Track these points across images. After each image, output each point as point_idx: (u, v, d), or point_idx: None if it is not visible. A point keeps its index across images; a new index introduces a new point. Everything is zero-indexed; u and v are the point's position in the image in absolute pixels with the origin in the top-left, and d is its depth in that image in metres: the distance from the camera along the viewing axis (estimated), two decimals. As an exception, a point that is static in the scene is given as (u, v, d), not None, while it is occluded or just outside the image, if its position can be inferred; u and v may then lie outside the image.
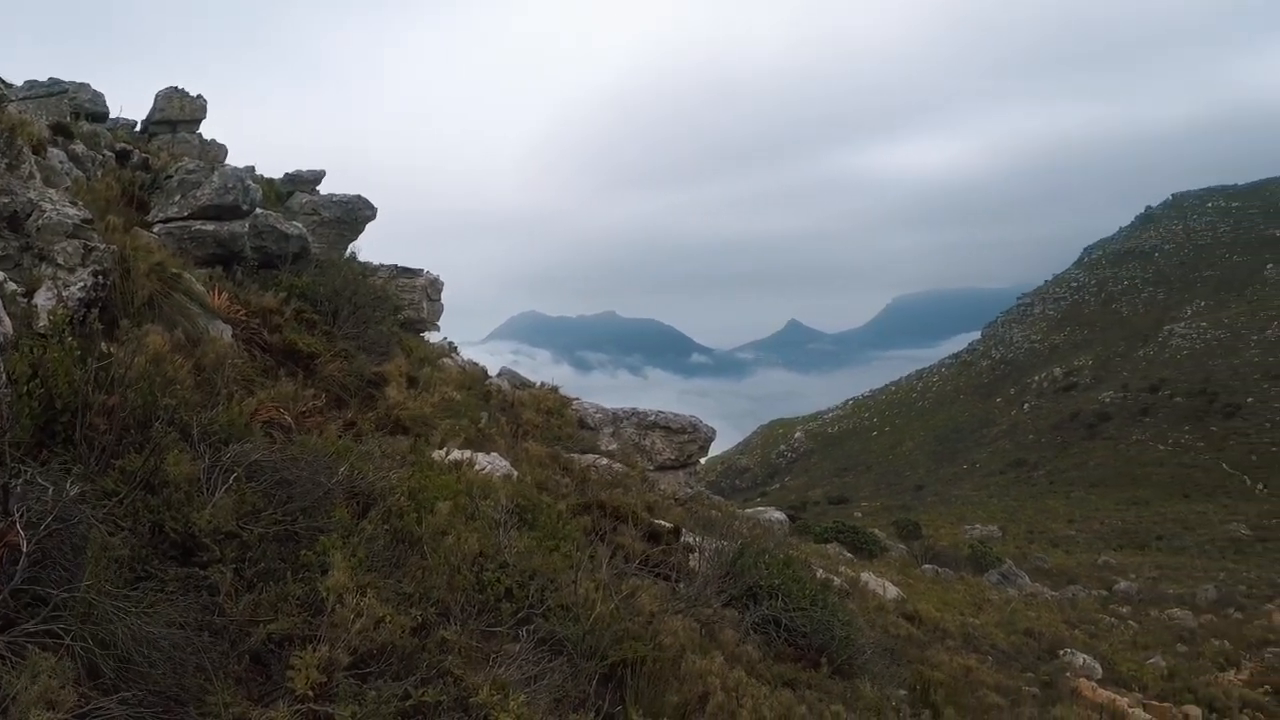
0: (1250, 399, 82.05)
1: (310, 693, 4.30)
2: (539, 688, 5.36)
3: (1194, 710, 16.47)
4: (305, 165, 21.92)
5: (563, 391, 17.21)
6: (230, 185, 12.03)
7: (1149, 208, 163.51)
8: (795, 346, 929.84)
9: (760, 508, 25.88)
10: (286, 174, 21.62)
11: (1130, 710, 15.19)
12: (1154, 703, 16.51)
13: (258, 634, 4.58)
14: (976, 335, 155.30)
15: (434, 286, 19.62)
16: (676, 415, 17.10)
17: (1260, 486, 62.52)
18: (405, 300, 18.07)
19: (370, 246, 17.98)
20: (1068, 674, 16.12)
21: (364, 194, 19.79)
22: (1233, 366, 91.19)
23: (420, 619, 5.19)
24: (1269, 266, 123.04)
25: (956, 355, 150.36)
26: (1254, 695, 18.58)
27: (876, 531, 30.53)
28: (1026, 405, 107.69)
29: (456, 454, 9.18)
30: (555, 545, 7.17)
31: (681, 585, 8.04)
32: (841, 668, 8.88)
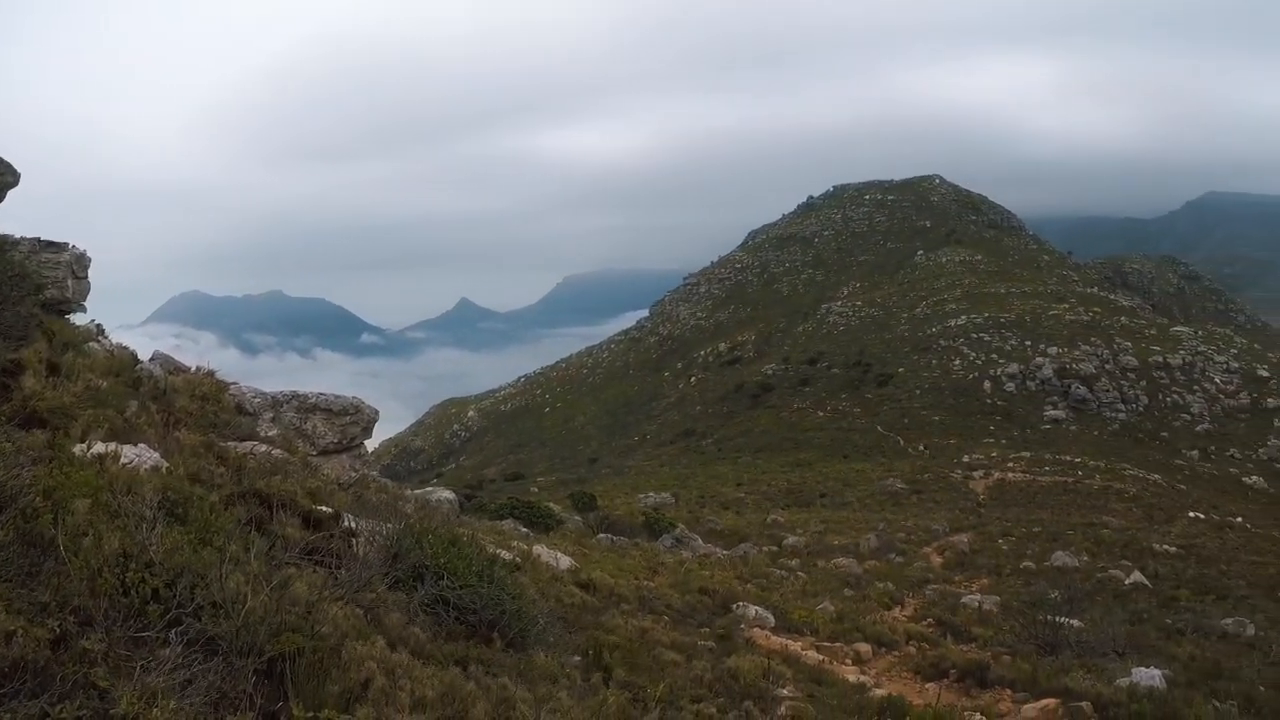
0: (901, 369, 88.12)
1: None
2: (193, 691, 5.00)
3: (864, 647, 17.40)
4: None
5: (221, 376, 16.23)
6: None
7: (811, 197, 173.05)
8: (467, 325, 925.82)
9: (430, 488, 25.52)
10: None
11: (804, 652, 15.88)
12: (826, 643, 17.35)
13: None
14: (645, 313, 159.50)
15: (80, 263, 17.92)
16: (338, 397, 16.48)
17: (922, 447, 67.06)
18: (48, 278, 16.44)
19: (12, 217, 16.14)
20: (742, 626, 16.61)
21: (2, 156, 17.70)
22: (885, 340, 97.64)
23: (59, 630, 4.74)
24: (919, 253, 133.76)
25: (626, 332, 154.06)
26: (918, 628, 19.94)
27: (552, 505, 30.75)
28: (694, 378, 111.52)
29: (100, 447, 8.47)
30: (207, 539, 6.73)
31: (343, 571, 7.72)
32: (515, 640, 8.78)
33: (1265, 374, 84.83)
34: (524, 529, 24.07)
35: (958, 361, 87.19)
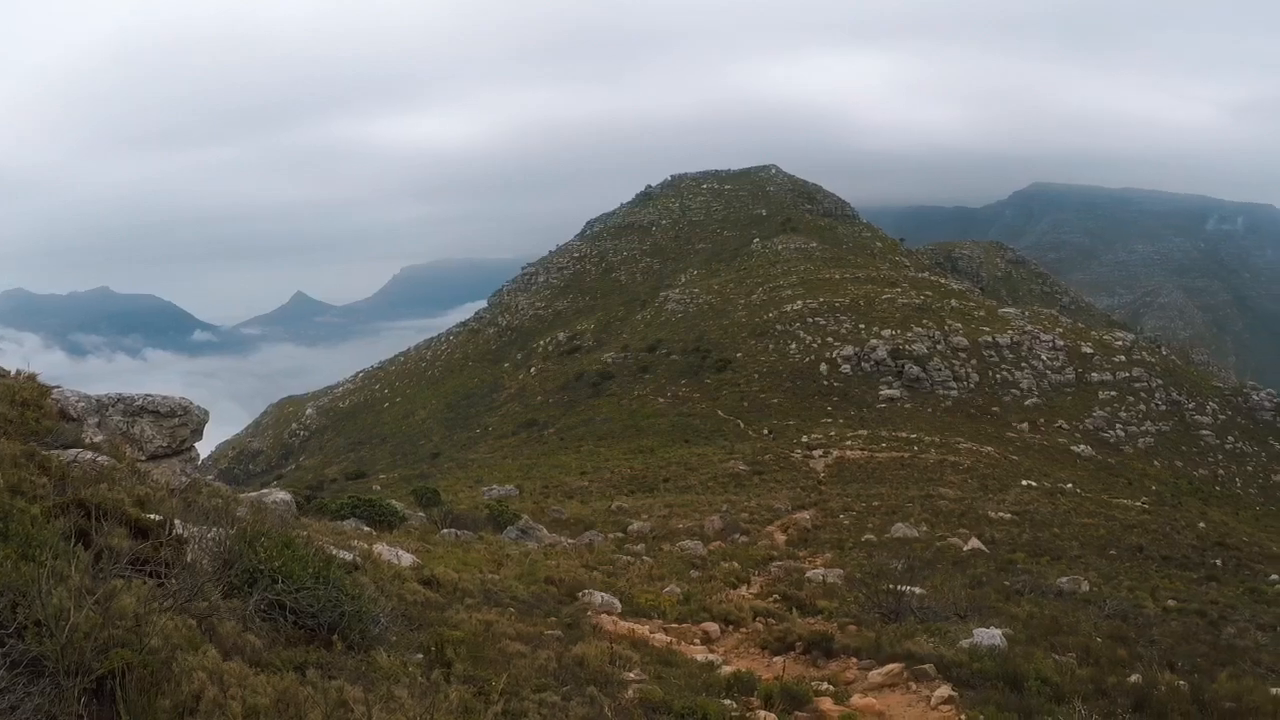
0: (739, 354, 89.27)
1: None
2: (18, 716, 4.82)
3: (711, 626, 17.63)
4: None
5: (42, 379, 15.51)
6: None
7: (649, 187, 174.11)
8: (303, 319, 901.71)
9: (266, 490, 24.93)
10: None
11: (651, 635, 16.02)
12: (674, 625, 17.54)
13: None
14: (484, 304, 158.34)
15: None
16: (165, 398, 15.87)
17: (766, 432, 67.97)
18: None
19: None
20: (589, 613, 16.64)
21: None
22: (723, 327, 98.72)
23: None
24: (755, 241, 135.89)
25: (465, 324, 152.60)
26: (764, 605, 20.17)
27: (395, 503, 30.30)
28: (534, 369, 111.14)
29: (-96, 465, 8.07)
30: (29, 554, 6.47)
31: (173, 581, 7.50)
32: (356, 642, 8.66)
33: (1089, 350, 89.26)
34: (366, 528, 23.71)
35: (794, 345, 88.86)
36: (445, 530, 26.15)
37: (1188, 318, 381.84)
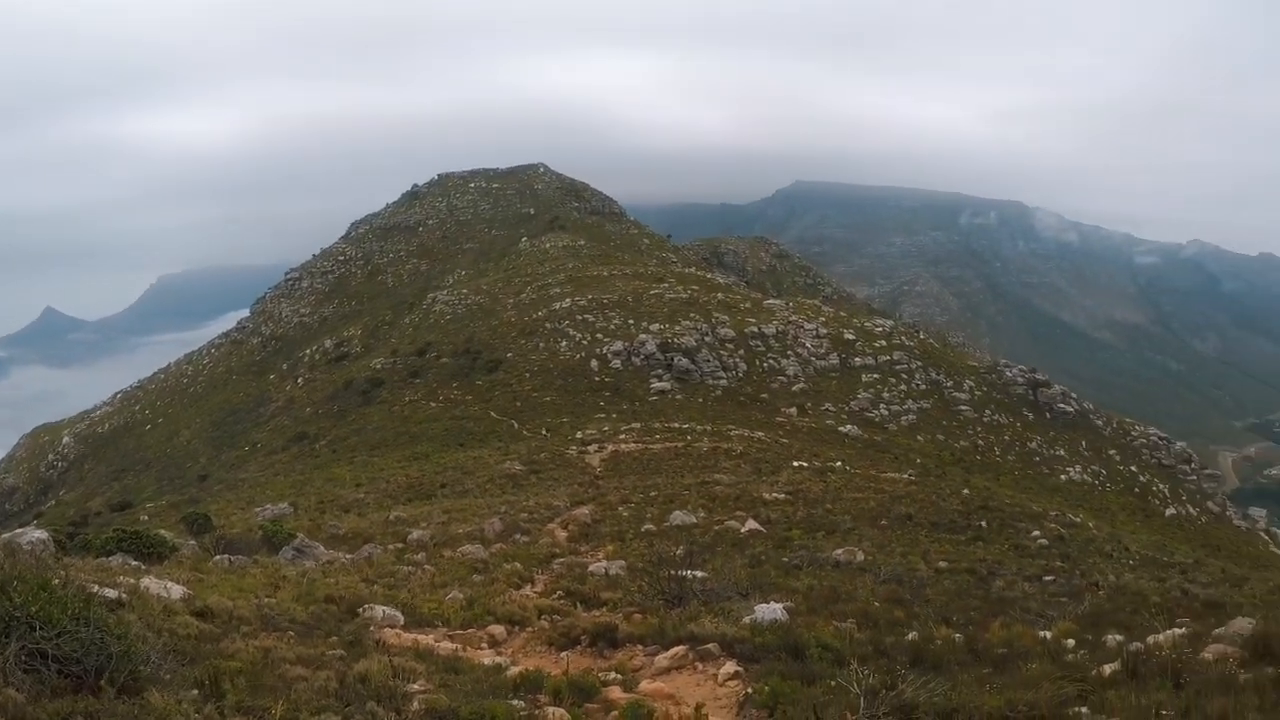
0: (510, 354, 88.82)
1: None
2: None
3: (497, 629, 17.61)
4: None
5: None
6: None
7: (416, 186, 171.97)
8: (54, 338, 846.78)
9: (21, 530, 23.51)
10: None
11: (437, 644, 15.92)
12: (459, 631, 17.46)
13: None
14: (246, 313, 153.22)
15: None
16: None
17: (544, 431, 67.82)
18: None
19: None
20: (372, 628, 16.42)
21: None
22: (492, 327, 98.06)
23: None
24: (524, 240, 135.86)
25: (227, 334, 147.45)
26: (548, 603, 20.29)
27: (164, 532, 29.06)
28: (301, 379, 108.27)
29: None
30: None
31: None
32: (126, 685, 8.31)
33: (851, 337, 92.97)
34: (135, 562, 22.69)
35: (565, 343, 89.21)
36: (218, 557, 25.26)
37: (944, 304, 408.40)
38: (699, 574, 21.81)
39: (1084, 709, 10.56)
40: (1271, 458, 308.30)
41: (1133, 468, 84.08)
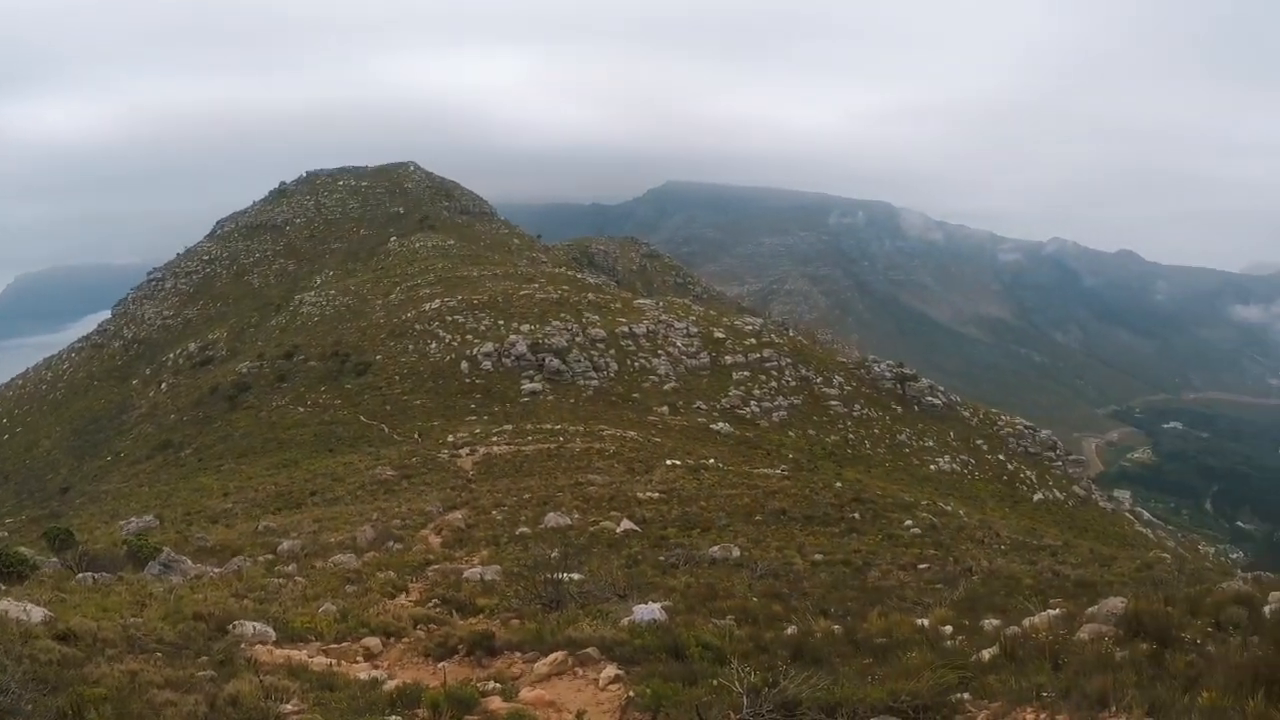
0: (379, 356, 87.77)
1: None
2: None
3: (372, 641, 17.22)
4: None
5: None
6: None
7: (283, 183, 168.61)
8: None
9: None
10: None
11: (310, 660, 15.54)
12: (333, 646, 17.05)
13: None
14: (108, 315, 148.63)
15: None
16: None
17: (416, 435, 66.94)
18: None
19: None
20: (243, 646, 15.95)
21: None
22: (361, 329, 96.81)
23: None
24: (393, 239, 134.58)
25: (87, 338, 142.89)
26: (424, 612, 19.88)
27: (24, 550, 27.91)
28: (164, 384, 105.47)
29: None
30: None
31: None
32: (-16, 720, 8.08)
33: (721, 335, 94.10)
34: (-7, 584, 21.81)
35: (435, 345, 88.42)
36: (82, 575, 24.38)
37: (812, 302, 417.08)
38: (576, 576, 21.81)
39: (966, 695, 10.76)
40: (1133, 442, 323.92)
41: (1000, 456, 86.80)
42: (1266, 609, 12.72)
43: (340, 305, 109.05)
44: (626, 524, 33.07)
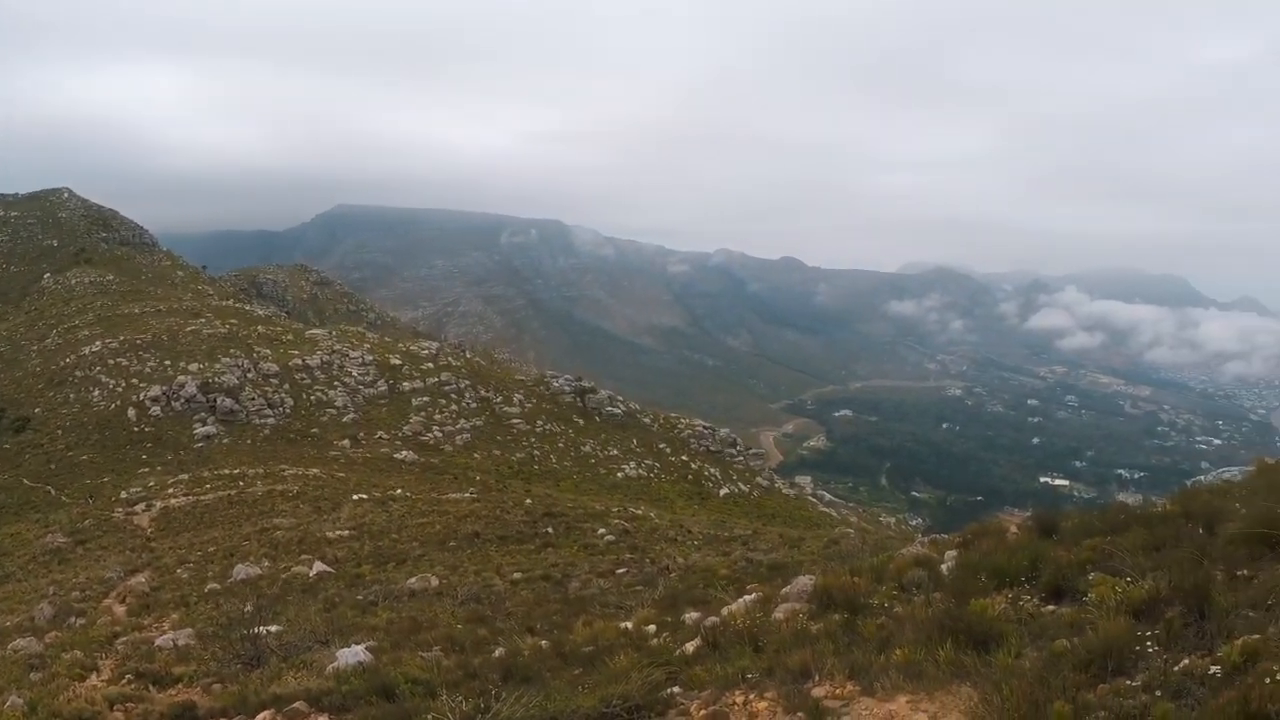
0: (39, 409, 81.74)
1: None
2: None
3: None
4: None
5: None
6: None
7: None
8: None
9: None
10: None
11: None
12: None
13: None
14: None
15: None
16: None
17: (87, 496, 62.03)
18: None
19: None
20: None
21: None
22: (16, 379, 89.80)
23: None
24: (46, 276, 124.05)
25: None
26: (119, 690, 18.25)
27: None
28: None
29: None
30: None
31: None
32: None
33: (398, 362, 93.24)
34: None
35: (97, 392, 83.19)
36: None
37: (488, 322, 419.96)
38: (274, 628, 21.16)
39: (676, 689, 11.21)
40: (808, 431, 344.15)
41: (684, 457, 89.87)
42: (943, 567, 13.98)
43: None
44: (319, 566, 32.31)
